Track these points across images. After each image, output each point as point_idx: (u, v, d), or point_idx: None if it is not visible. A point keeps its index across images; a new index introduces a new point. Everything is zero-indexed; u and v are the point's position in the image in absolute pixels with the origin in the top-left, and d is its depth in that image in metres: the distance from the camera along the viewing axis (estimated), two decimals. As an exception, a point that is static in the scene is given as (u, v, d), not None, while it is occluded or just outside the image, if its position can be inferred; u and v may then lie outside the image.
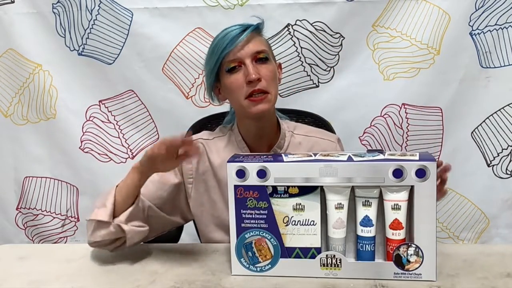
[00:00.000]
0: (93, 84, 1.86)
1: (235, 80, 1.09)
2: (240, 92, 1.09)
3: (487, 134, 1.79)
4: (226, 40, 1.08)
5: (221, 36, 1.11)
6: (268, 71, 1.10)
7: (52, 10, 1.82)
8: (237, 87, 1.09)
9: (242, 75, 1.08)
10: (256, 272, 0.97)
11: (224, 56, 1.09)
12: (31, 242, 1.98)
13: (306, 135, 1.23)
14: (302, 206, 0.95)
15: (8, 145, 1.94)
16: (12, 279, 1.01)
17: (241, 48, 1.08)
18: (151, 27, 1.79)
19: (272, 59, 1.15)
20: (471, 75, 1.75)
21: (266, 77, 1.09)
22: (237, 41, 1.08)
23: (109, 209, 1.03)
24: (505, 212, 1.83)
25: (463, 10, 1.71)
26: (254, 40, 1.10)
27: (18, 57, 1.85)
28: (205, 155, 1.19)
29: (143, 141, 1.90)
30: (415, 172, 0.90)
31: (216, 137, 1.22)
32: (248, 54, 1.08)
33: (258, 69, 1.08)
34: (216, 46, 1.10)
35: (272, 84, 1.10)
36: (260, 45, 1.10)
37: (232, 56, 1.08)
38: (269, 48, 1.15)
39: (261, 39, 1.13)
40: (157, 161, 1.00)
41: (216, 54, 1.10)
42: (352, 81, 1.79)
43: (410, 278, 0.92)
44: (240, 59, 1.09)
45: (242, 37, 1.08)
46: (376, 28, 1.75)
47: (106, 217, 1.02)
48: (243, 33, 1.09)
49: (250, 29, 1.10)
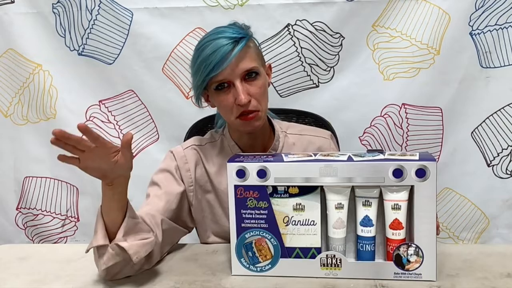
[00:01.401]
0: (93, 84, 1.86)
1: (224, 100, 1.05)
2: (230, 112, 1.06)
3: (487, 134, 1.79)
4: (215, 60, 1.00)
5: (209, 51, 1.01)
6: (257, 88, 1.05)
7: (52, 10, 1.82)
8: (226, 106, 1.06)
9: (232, 96, 1.04)
10: (256, 272, 0.97)
11: (212, 76, 1.03)
12: (31, 242, 1.98)
13: (300, 134, 1.21)
14: (302, 206, 0.95)
15: (8, 145, 1.94)
16: (12, 279, 1.01)
17: (230, 69, 1.02)
18: (151, 27, 1.79)
19: (262, 67, 1.08)
20: (471, 75, 1.75)
21: (256, 95, 1.05)
22: (226, 61, 1.00)
23: (102, 232, 0.93)
24: (505, 212, 1.84)
25: (463, 10, 1.71)
26: (243, 57, 1.03)
27: (18, 57, 1.86)
28: (200, 162, 1.17)
29: (143, 141, 1.90)
30: (415, 172, 0.90)
31: (208, 143, 1.20)
32: (238, 75, 1.03)
33: (248, 88, 1.04)
34: (203, 62, 1.02)
35: (263, 99, 1.07)
36: (250, 61, 1.04)
37: (221, 77, 1.03)
38: (258, 56, 1.08)
39: (250, 53, 1.05)
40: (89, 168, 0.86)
41: (204, 72, 1.03)
42: (352, 81, 1.79)
43: (410, 278, 0.92)
44: (229, 80, 1.03)
45: (231, 56, 1.01)
46: (376, 28, 1.75)
47: (101, 240, 0.92)
48: (232, 50, 1.01)
49: (239, 47, 1.02)
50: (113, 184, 0.92)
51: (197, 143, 1.19)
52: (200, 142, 1.20)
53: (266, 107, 1.10)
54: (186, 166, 1.16)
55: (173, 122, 1.84)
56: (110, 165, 0.87)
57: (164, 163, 1.18)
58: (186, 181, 1.16)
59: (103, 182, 0.91)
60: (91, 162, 0.85)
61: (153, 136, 1.90)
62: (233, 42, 1.02)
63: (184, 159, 1.16)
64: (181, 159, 1.16)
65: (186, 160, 1.16)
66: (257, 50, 1.09)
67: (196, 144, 1.19)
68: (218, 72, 1.01)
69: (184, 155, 1.16)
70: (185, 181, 1.16)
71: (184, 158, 1.16)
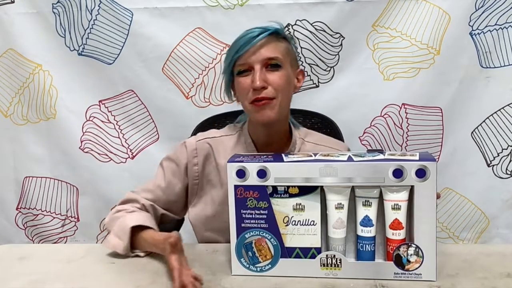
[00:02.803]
0: (93, 84, 1.86)
1: (242, 84, 1.09)
2: (245, 96, 1.09)
3: (487, 134, 1.79)
4: (240, 43, 1.07)
5: (239, 36, 1.10)
6: (277, 78, 1.07)
7: (52, 10, 1.82)
8: (243, 90, 1.09)
9: (250, 79, 1.07)
10: (256, 272, 0.97)
11: (236, 58, 1.08)
12: (31, 242, 1.98)
13: (316, 144, 1.21)
14: (302, 206, 0.95)
15: (8, 145, 1.94)
16: (12, 279, 1.01)
17: (252, 53, 1.06)
18: (151, 27, 1.79)
19: (289, 66, 1.11)
20: (471, 75, 1.75)
21: (274, 84, 1.06)
22: (250, 45, 1.06)
23: (125, 245, 1.07)
24: (505, 212, 1.84)
25: (463, 10, 1.71)
26: (268, 46, 1.07)
27: (18, 57, 1.85)
28: (211, 157, 1.18)
29: (143, 141, 1.90)
30: (415, 172, 0.90)
31: (224, 136, 1.21)
32: (258, 60, 1.06)
33: (267, 76, 1.07)
34: (232, 46, 1.10)
35: (282, 91, 1.08)
36: (273, 51, 1.07)
37: (243, 60, 1.08)
38: (287, 54, 1.11)
39: (277, 45, 1.09)
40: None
41: (230, 55, 1.10)
42: (352, 81, 1.79)
43: (410, 278, 0.92)
44: (250, 64, 1.07)
45: (255, 41, 1.06)
46: (376, 28, 1.75)
47: (123, 251, 1.07)
48: (258, 36, 1.06)
49: (264, 34, 1.07)
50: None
51: (212, 135, 1.21)
52: (215, 134, 1.22)
53: (283, 101, 1.10)
54: (195, 160, 1.18)
55: (173, 122, 1.84)
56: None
57: (175, 153, 1.21)
58: (191, 175, 1.19)
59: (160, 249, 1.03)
60: None
61: (153, 136, 1.90)
62: (262, 31, 1.08)
63: (194, 153, 1.18)
64: (191, 152, 1.18)
65: (196, 154, 1.18)
66: (288, 48, 1.12)
67: (210, 136, 1.21)
68: (241, 53, 1.07)
69: (195, 148, 1.18)
70: (190, 175, 1.19)
71: (194, 151, 1.18)
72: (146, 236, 1.07)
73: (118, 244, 1.07)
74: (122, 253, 1.07)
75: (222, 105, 1.83)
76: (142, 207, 1.17)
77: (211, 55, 1.80)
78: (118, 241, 1.07)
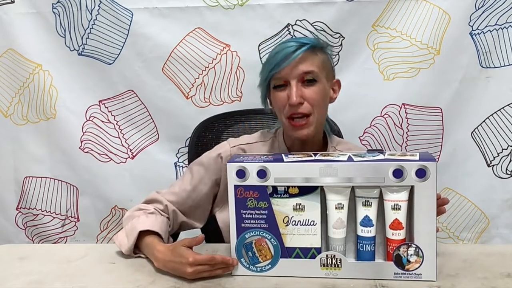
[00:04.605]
0: (93, 84, 1.86)
1: (278, 98, 1.10)
2: (282, 111, 1.10)
3: (487, 134, 1.79)
4: (278, 57, 1.07)
5: (277, 50, 1.09)
6: (313, 93, 1.08)
7: (52, 10, 1.81)
8: (280, 105, 1.10)
9: (286, 94, 1.08)
10: (256, 272, 0.97)
11: (273, 74, 1.08)
12: (31, 242, 1.98)
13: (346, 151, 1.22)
14: (302, 206, 0.95)
15: (8, 145, 1.94)
16: (12, 279, 1.01)
17: (288, 68, 1.06)
18: (151, 27, 1.79)
19: (325, 79, 1.11)
20: (471, 75, 1.75)
21: (310, 100, 1.07)
22: (287, 61, 1.06)
23: (129, 246, 1.07)
24: (505, 212, 1.84)
25: (463, 10, 1.71)
26: (304, 60, 1.07)
27: (18, 57, 1.85)
28: None
29: (143, 141, 1.90)
30: (415, 172, 0.90)
31: (258, 142, 1.22)
32: (295, 75, 1.07)
33: (303, 91, 1.07)
34: (269, 60, 1.09)
35: (318, 107, 1.09)
36: (309, 65, 1.07)
37: (279, 74, 1.08)
38: (323, 67, 1.11)
39: (313, 59, 1.09)
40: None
41: (267, 69, 1.09)
42: (352, 81, 1.78)
43: (410, 278, 0.92)
44: (286, 79, 1.08)
45: (293, 56, 1.06)
46: (376, 28, 1.75)
47: (126, 251, 1.08)
48: (295, 51, 1.06)
49: (301, 50, 1.06)
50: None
51: (246, 141, 1.22)
52: (249, 140, 1.22)
53: (320, 116, 1.11)
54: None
55: (173, 122, 1.84)
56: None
57: (208, 158, 1.21)
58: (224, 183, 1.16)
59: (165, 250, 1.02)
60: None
61: (153, 136, 1.90)
62: (299, 46, 1.07)
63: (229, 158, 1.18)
64: (225, 159, 1.17)
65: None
66: (324, 61, 1.12)
67: (244, 143, 1.21)
68: (278, 70, 1.07)
69: (230, 155, 1.18)
70: (223, 181, 1.17)
71: (228, 157, 1.17)
72: (148, 241, 1.06)
73: (124, 243, 1.08)
74: (125, 253, 1.07)
75: (222, 105, 1.83)
76: (165, 208, 1.17)
77: (211, 55, 1.80)
78: (125, 241, 1.08)
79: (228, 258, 0.95)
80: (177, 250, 0.97)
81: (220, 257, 0.94)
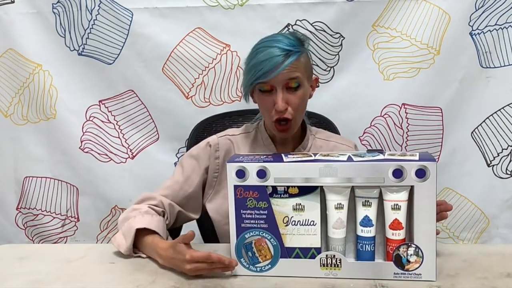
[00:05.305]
0: (93, 84, 1.86)
1: (264, 101, 1.14)
2: (267, 113, 1.15)
3: (487, 134, 1.79)
4: (265, 68, 1.08)
5: (262, 57, 1.10)
6: (297, 99, 1.13)
7: (52, 10, 1.81)
8: (265, 107, 1.15)
9: (272, 100, 1.12)
10: (256, 272, 0.97)
11: (260, 81, 1.11)
12: (31, 242, 1.98)
13: (326, 140, 1.29)
14: (302, 206, 0.95)
15: (8, 145, 1.94)
16: (12, 279, 1.01)
17: (275, 75, 1.09)
18: (151, 27, 1.79)
19: (306, 80, 1.15)
20: (471, 75, 1.75)
21: (293, 105, 1.12)
22: (275, 72, 1.08)
23: (128, 246, 1.08)
24: (505, 212, 1.84)
25: (463, 10, 1.71)
26: (290, 67, 1.10)
27: (18, 57, 1.85)
28: (232, 152, 1.25)
29: (143, 141, 1.90)
30: (415, 172, 0.90)
31: (242, 133, 1.28)
32: (281, 82, 1.10)
33: (288, 97, 1.12)
34: (255, 66, 1.11)
35: (299, 110, 1.15)
36: (294, 71, 1.10)
37: (266, 80, 1.11)
38: (305, 69, 1.14)
39: (298, 65, 1.11)
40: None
41: (253, 75, 1.11)
42: (352, 81, 1.79)
43: (410, 278, 0.92)
44: (272, 85, 1.11)
45: (280, 68, 1.08)
46: (376, 28, 1.75)
47: (125, 252, 1.08)
48: (283, 62, 1.08)
49: (290, 60, 1.09)
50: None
51: (231, 133, 1.28)
52: (234, 132, 1.28)
53: (301, 116, 1.18)
54: (217, 153, 1.24)
55: (173, 122, 1.84)
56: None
57: (197, 149, 1.26)
58: (212, 168, 1.24)
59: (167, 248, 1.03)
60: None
61: (153, 136, 1.90)
62: (286, 55, 1.09)
63: (216, 147, 1.24)
64: (214, 146, 1.24)
65: (217, 148, 1.24)
66: (306, 63, 1.16)
67: (229, 134, 1.27)
68: (265, 80, 1.10)
69: (217, 143, 1.25)
70: (211, 168, 1.24)
71: (216, 146, 1.24)
72: (148, 240, 1.07)
73: (122, 243, 1.09)
74: (124, 253, 1.08)
75: (222, 105, 1.83)
76: (159, 203, 1.19)
77: (211, 55, 1.80)
78: (123, 241, 1.09)
79: (224, 259, 0.95)
80: (176, 248, 0.98)
81: (216, 256, 0.95)
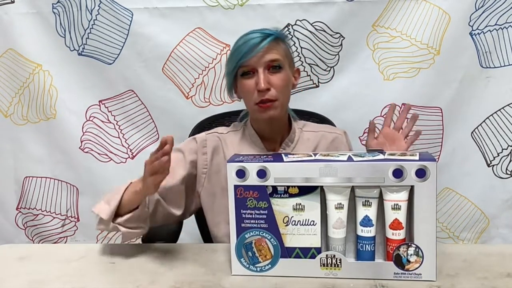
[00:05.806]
0: (93, 84, 1.86)
1: (247, 85, 1.15)
2: (250, 97, 1.16)
3: (487, 134, 1.79)
4: (245, 48, 1.13)
5: (241, 42, 1.15)
6: (279, 80, 1.14)
7: (52, 10, 1.82)
8: (248, 91, 1.16)
9: (254, 81, 1.14)
10: (256, 272, 0.97)
11: (241, 63, 1.14)
12: (31, 242, 1.98)
13: (314, 131, 1.29)
14: (302, 206, 0.95)
15: (8, 145, 1.94)
16: (12, 279, 1.01)
17: (256, 57, 1.13)
18: (151, 27, 1.79)
19: (288, 66, 1.18)
20: (471, 75, 1.75)
21: (276, 86, 1.14)
22: (254, 51, 1.12)
23: (111, 210, 1.07)
24: (505, 212, 1.84)
25: (463, 10, 1.71)
26: (270, 50, 1.14)
27: (18, 57, 1.86)
28: (220, 149, 1.25)
29: (143, 141, 1.90)
30: (415, 172, 0.90)
31: (230, 131, 1.29)
32: (262, 63, 1.13)
33: (270, 78, 1.14)
34: (235, 51, 1.15)
35: (282, 92, 1.16)
36: (275, 54, 1.14)
37: (247, 63, 1.14)
38: (286, 55, 1.18)
39: (278, 48, 1.16)
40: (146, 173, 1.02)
41: (234, 60, 1.15)
42: (352, 81, 1.79)
43: (410, 278, 0.92)
44: (254, 67, 1.14)
45: (259, 47, 1.12)
46: (376, 28, 1.75)
47: (106, 216, 1.07)
48: (261, 42, 1.12)
49: (267, 40, 1.13)
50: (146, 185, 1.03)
51: (220, 131, 1.29)
52: (223, 130, 1.29)
53: (284, 100, 1.19)
54: (204, 149, 1.24)
55: (173, 122, 1.84)
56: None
57: (183, 144, 1.26)
58: (201, 164, 1.23)
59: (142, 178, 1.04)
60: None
61: (153, 136, 1.90)
62: (263, 37, 1.14)
63: (204, 143, 1.24)
64: (201, 142, 1.24)
65: (205, 144, 1.24)
66: (286, 50, 1.20)
67: (218, 132, 1.28)
68: (246, 59, 1.13)
69: (205, 139, 1.25)
70: (200, 163, 1.23)
71: (204, 142, 1.25)
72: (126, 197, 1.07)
73: (105, 208, 1.07)
74: (105, 218, 1.06)
75: (222, 105, 1.83)
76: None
77: (211, 55, 1.80)
78: (105, 206, 1.08)
79: (161, 141, 0.98)
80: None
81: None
